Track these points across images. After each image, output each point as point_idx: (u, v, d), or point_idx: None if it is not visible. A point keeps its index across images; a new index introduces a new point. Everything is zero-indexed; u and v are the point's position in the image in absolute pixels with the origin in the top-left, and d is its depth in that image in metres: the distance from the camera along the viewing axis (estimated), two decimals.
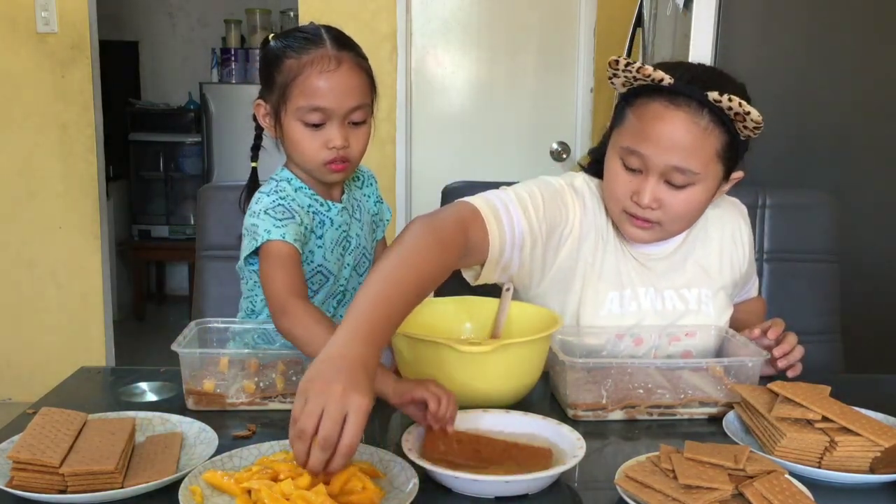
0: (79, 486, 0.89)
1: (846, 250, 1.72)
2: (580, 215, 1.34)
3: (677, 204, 1.25)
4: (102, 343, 3.35)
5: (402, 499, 0.88)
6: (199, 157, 4.64)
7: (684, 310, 1.36)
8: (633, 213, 1.28)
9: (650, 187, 1.24)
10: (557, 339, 1.23)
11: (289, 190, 1.35)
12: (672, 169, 1.22)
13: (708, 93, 1.18)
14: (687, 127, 1.20)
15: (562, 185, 1.36)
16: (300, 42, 1.29)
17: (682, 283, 1.38)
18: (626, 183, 1.27)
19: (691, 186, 1.24)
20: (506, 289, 1.29)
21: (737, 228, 1.44)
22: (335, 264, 1.39)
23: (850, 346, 1.70)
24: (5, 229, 3.25)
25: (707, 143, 1.21)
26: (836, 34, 2.03)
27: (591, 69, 3.34)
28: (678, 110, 1.20)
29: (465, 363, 1.10)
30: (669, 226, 1.29)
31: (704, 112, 1.20)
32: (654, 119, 1.22)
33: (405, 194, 3.34)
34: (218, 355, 1.19)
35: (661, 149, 1.21)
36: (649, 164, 1.23)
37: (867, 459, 0.99)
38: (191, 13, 5.05)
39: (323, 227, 1.37)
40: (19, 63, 3.14)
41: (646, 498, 0.87)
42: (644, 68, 1.20)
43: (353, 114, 1.30)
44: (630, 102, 1.26)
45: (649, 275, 1.36)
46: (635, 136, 1.24)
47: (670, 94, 1.21)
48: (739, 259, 1.44)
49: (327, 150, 1.30)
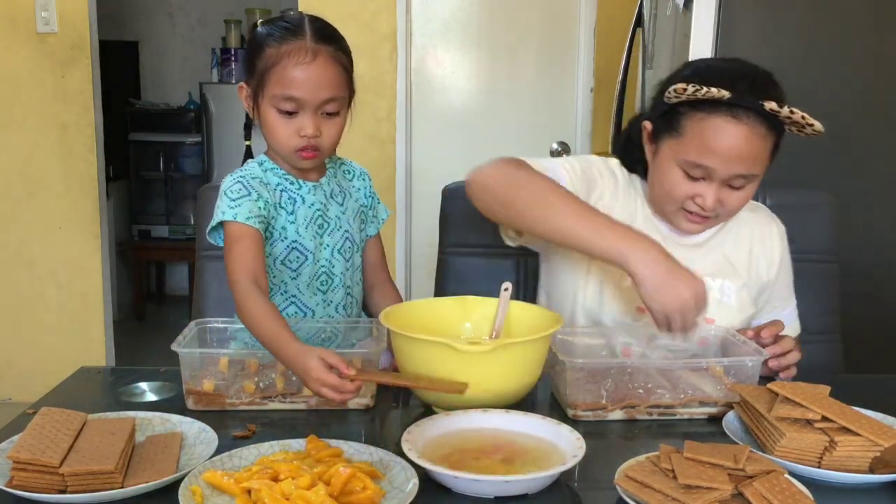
0: (79, 486, 0.89)
1: (846, 250, 1.72)
2: (611, 187, 1.43)
3: (736, 201, 1.32)
4: (102, 343, 3.35)
5: (402, 499, 0.88)
6: (199, 157, 4.64)
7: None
8: (691, 210, 1.34)
9: (714, 192, 1.30)
10: (558, 338, 1.23)
11: (256, 170, 1.39)
12: (737, 177, 1.28)
13: (765, 103, 1.22)
14: (749, 138, 1.25)
15: (598, 160, 1.46)
16: (282, 31, 1.33)
17: (708, 271, 1.40)
18: (687, 188, 1.32)
19: (750, 184, 1.31)
20: (504, 289, 1.29)
21: (769, 239, 1.48)
22: (311, 242, 1.41)
23: (850, 346, 1.70)
24: (5, 229, 3.25)
25: (765, 148, 1.28)
26: (836, 34, 2.03)
27: (591, 69, 3.34)
28: (739, 123, 1.25)
29: (465, 363, 1.10)
30: (724, 218, 1.38)
31: (762, 120, 1.25)
32: (716, 134, 1.26)
33: (405, 194, 3.34)
34: (218, 355, 1.19)
35: (727, 161, 1.26)
36: (713, 175, 1.29)
37: (867, 459, 0.99)
38: (191, 13, 5.06)
39: (294, 203, 1.40)
40: (19, 63, 3.14)
41: (646, 498, 0.87)
42: (710, 91, 1.22)
43: (326, 105, 1.33)
44: (687, 113, 1.28)
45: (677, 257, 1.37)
46: (699, 150, 1.27)
47: (729, 106, 1.24)
48: (766, 267, 1.47)
49: (299, 138, 1.34)
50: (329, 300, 1.44)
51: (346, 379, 1.08)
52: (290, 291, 1.41)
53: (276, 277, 1.40)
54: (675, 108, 1.29)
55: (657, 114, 1.34)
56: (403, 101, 3.27)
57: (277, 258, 1.39)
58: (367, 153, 3.24)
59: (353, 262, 1.48)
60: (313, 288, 1.43)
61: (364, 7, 3.19)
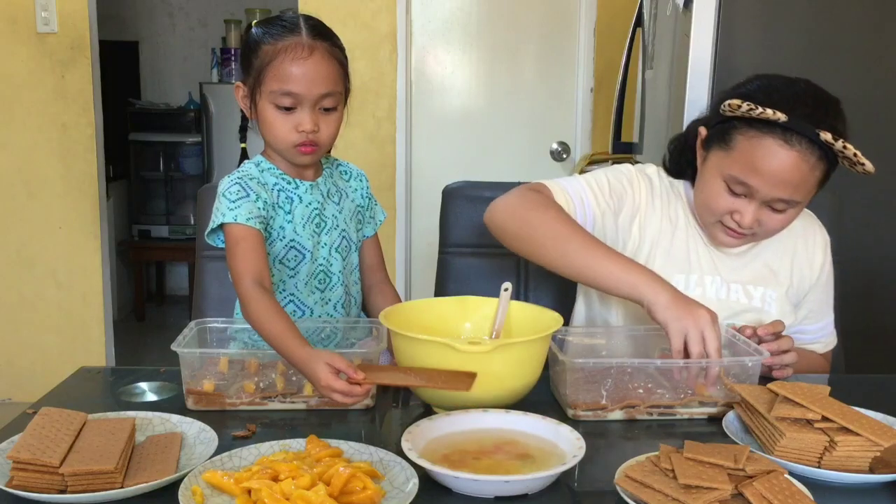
0: (79, 486, 0.89)
1: (846, 250, 1.72)
2: (646, 195, 1.42)
3: (774, 223, 1.32)
4: (102, 343, 3.35)
5: (402, 499, 0.88)
6: (199, 157, 4.64)
7: (748, 305, 1.40)
8: (729, 226, 1.33)
9: (753, 211, 1.30)
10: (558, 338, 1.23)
11: (253, 171, 1.39)
12: (777, 200, 1.28)
13: (821, 133, 1.21)
14: (797, 164, 1.24)
15: (629, 168, 1.45)
16: (277, 29, 1.34)
17: (749, 280, 1.41)
18: (728, 203, 1.32)
19: (791, 209, 1.31)
20: (504, 289, 1.29)
21: (812, 248, 1.48)
22: (309, 241, 1.41)
23: (850, 346, 1.69)
24: (5, 229, 3.25)
25: (813, 176, 1.27)
26: (836, 34, 2.03)
27: (591, 69, 3.34)
28: (791, 150, 1.24)
29: (465, 363, 1.10)
30: (760, 238, 1.37)
31: (815, 148, 1.24)
32: (767, 155, 1.25)
33: (405, 194, 3.34)
34: (218, 355, 1.19)
35: (771, 185, 1.26)
36: (755, 195, 1.28)
37: (867, 459, 0.99)
38: (191, 13, 5.06)
39: (291, 202, 1.40)
40: (19, 63, 3.14)
41: (646, 498, 0.87)
42: (765, 112, 1.22)
43: (323, 100, 1.34)
44: (741, 129, 1.28)
45: (719, 265, 1.41)
46: (745, 168, 1.27)
47: (784, 130, 1.23)
48: (807, 274, 1.46)
49: (297, 133, 1.34)
50: (327, 298, 1.44)
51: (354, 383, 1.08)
52: (289, 290, 1.42)
53: (274, 276, 1.40)
54: (730, 121, 1.29)
55: (713, 122, 1.34)
56: (403, 101, 3.27)
57: (276, 257, 1.40)
58: (367, 153, 3.24)
59: (349, 260, 1.48)
60: (311, 286, 1.43)
61: (364, 7, 3.19)
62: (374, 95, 3.21)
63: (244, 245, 1.28)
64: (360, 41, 3.15)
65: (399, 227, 3.33)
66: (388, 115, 3.26)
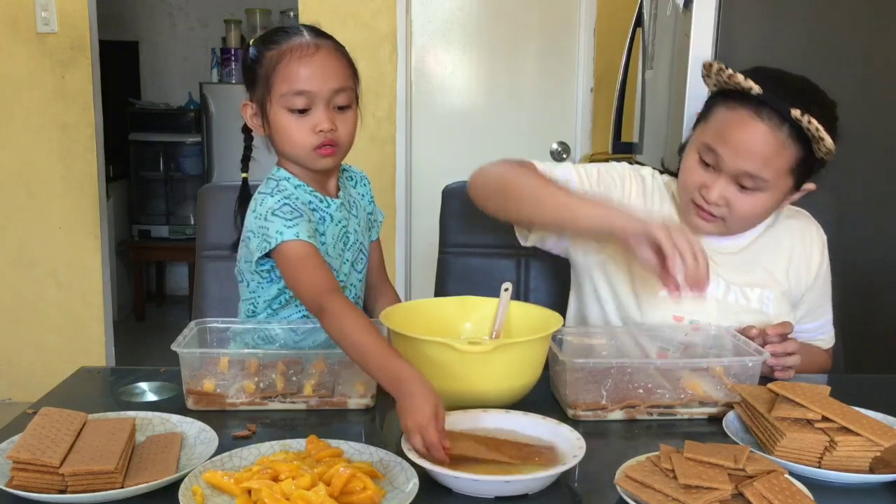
0: (79, 486, 0.89)
1: (846, 250, 1.72)
2: (637, 193, 1.43)
3: (742, 206, 1.31)
4: (102, 343, 3.35)
5: (402, 499, 0.88)
6: (199, 157, 4.64)
7: (746, 306, 1.39)
8: (699, 203, 1.34)
9: (720, 186, 1.30)
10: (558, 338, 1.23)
11: (289, 188, 1.35)
12: (744, 174, 1.28)
13: (791, 109, 1.22)
14: (765, 138, 1.25)
15: (623, 166, 1.46)
16: (278, 35, 1.33)
17: (747, 282, 1.41)
18: (698, 175, 1.33)
19: (759, 192, 1.30)
20: (504, 289, 1.29)
21: (811, 247, 1.47)
22: (336, 260, 1.39)
23: (850, 347, 1.69)
24: (5, 229, 3.25)
25: (782, 156, 1.27)
26: (836, 34, 2.03)
27: (591, 69, 3.34)
28: (760, 122, 1.25)
29: (465, 363, 1.10)
30: (732, 224, 1.35)
31: (785, 126, 1.25)
32: (736, 124, 1.27)
33: (405, 194, 3.34)
34: (218, 355, 1.19)
35: (737, 154, 1.27)
36: (723, 165, 1.29)
37: (867, 459, 0.99)
38: (191, 13, 5.05)
39: (324, 223, 1.37)
40: (19, 63, 3.14)
41: (646, 498, 0.87)
42: (735, 76, 1.25)
43: (336, 97, 1.31)
44: (719, 101, 1.31)
45: (715, 266, 1.38)
46: (716, 135, 1.29)
47: (757, 103, 1.25)
48: (804, 275, 1.46)
49: (315, 135, 1.30)
50: None
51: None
52: (302, 307, 1.38)
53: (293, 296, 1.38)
54: (713, 98, 1.32)
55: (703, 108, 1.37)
56: (403, 101, 3.27)
57: None
58: (367, 153, 3.24)
59: (363, 272, 1.47)
60: None
61: (364, 7, 3.19)
62: (374, 95, 3.21)
63: (314, 261, 1.23)
64: (360, 41, 3.15)
65: (399, 227, 3.33)
66: (388, 115, 3.26)
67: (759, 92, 1.24)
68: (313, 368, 1.18)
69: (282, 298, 1.38)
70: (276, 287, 1.37)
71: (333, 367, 1.18)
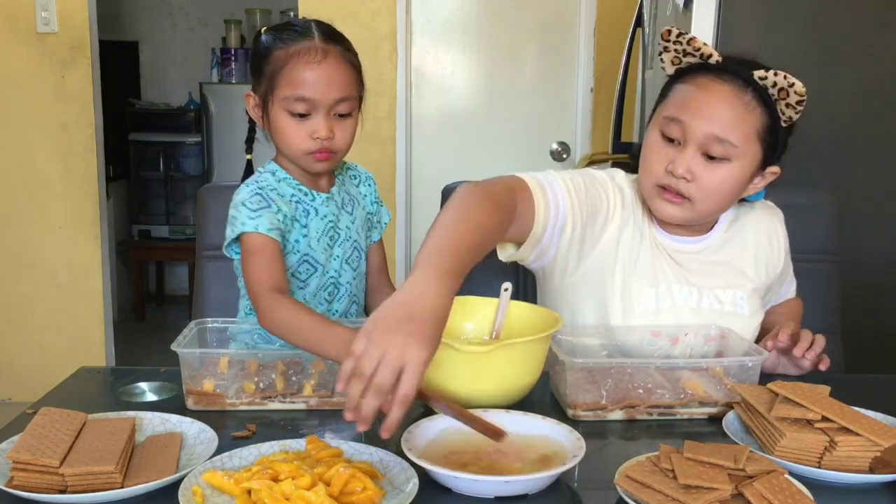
0: (79, 486, 0.89)
1: (846, 250, 1.72)
2: (619, 207, 1.37)
3: (711, 180, 1.27)
4: (102, 343, 3.35)
5: (402, 499, 0.88)
6: (199, 157, 4.64)
7: (720, 310, 1.38)
8: (665, 184, 1.29)
9: (687, 157, 1.26)
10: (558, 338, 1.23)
11: (270, 180, 1.37)
12: (712, 138, 1.24)
13: (753, 71, 1.22)
14: (730, 100, 1.24)
15: (603, 177, 1.39)
16: (289, 34, 1.32)
17: (718, 284, 1.39)
18: (663, 154, 1.29)
19: (727, 163, 1.26)
20: (504, 289, 1.29)
21: (773, 231, 1.46)
22: (322, 254, 1.40)
23: (850, 346, 1.69)
24: (5, 229, 3.25)
25: (748, 119, 1.24)
26: (836, 34, 2.03)
27: (591, 69, 3.34)
28: (723, 84, 1.24)
29: (465, 363, 1.10)
30: (701, 204, 1.29)
31: (749, 89, 1.24)
32: (698, 89, 1.26)
33: (405, 194, 3.34)
34: (218, 355, 1.19)
35: (703, 117, 1.24)
36: (688, 133, 1.26)
37: (867, 459, 0.99)
38: (191, 13, 5.06)
39: (307, 216, 1.38)
40: (19, 63, 3.14)
41: (646, 498, 0.87)
42: (695, 40, 1.24)
43: (338, 105, 1.32)
44: (677, 79, 1.30)
45: (684, 273, 1.38)
46: (679, 105, 1.27)
47: (717, 70, 1.25)
48: (774, 262, 1.45)
49: (312, 141, 1.32)
50: (333, 310, 1.44)
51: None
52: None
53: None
54: (670, 80, 1.31)
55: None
56: (403, 101, 3.27)
57: (287, 270, 1.37)
58: (367, 153, 3.24)
59: (359, 270, 1.47)
60: (319, 298, 1.42)
61: (364, 7, 3.19)
62: (374, 95, 3.20)
63: (264, 255, 1.26)
64: (360, 41, 3.11)
65: (399, 227, 3.33)
66: (388, 115, 3.26)
67: (719, 59, 1.24)
68: (313, 368, 1.18)
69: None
70: None
71: (333, 367, 1.18)
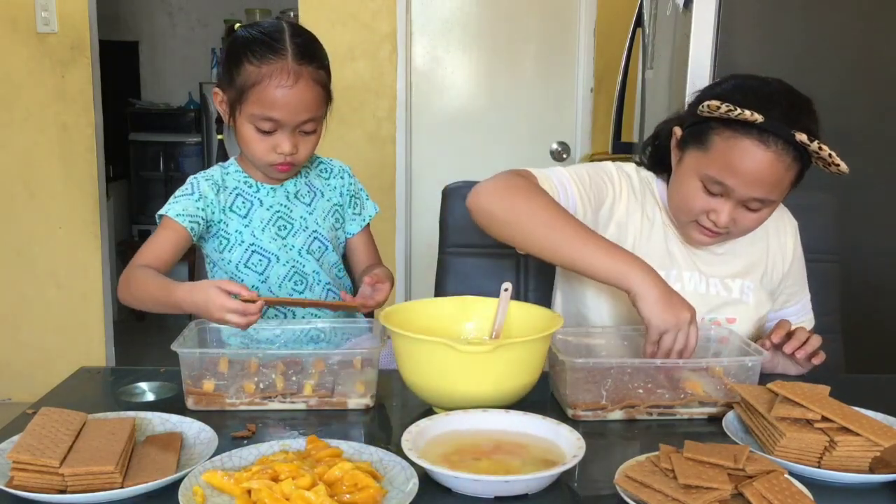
0: (79, 486, 0.89)
1: (846, 250, 1.72)
2: (627, 193, 1.42)
3: (748, 222, 1.33)
4: (102, 343, 3.35)
5: (401, 499, 0.88)
6: (199, 157, 4.65)
7: (727, 297, 1.42)
8: (704, 225, 1.34)
9: (729, 210, 1.31)
10: (558, 338, 1.23)
11: (216, 173, 1.43)
12: (753, 199, 1.29)
13: (796, 134, 1.23)
14: (773, 165, 1.26)
15: (607, 165, 1.45)
16: (262, 49, 1.32)
17: (728, 273, 1.43)
18: (703, 203, 1.33)
19: (765, 209, 1.32)
20: (504, 289, 1.29)
21: (783, 234, 1.50)
22: (272, 244, 1.43)
23: (850, 346, 1.69)
24: (5, 229, 3.25)
25: (788, 176, 1.28)
26: (836, 34, 2.03)
27: (591, 69, 3.34)
28: (767, 150, 1.25)
29: (465, 363, 1.10)
30: (735, 236, 1.38)
31: (790, 149, 1.25)
32: (743, 155, 1.26)
33: (405, 194, 3.34)
34: (218, 355, 1.19)
35: (747, 184, 1.27)
36: (732, 194, 1.29)
37: (867, 459, 0.99)
38: (191, 13, 5.06)
39: (249, 206, 1.42)
40: (19, 63, 3.14)
41: (645, 498, 0.87)
42: (743, 113, 1.23)
43: (304, 125, 1.36)
44: (717, 129, 1.28)
45: (696, 260, 1.42)
46: (722, 168, 1.28)
47: (760, 131, 1.25)
48: (780, 261, 1.48)
49: (275, 154, 1.36)
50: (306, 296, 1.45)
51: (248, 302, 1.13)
52: (263, 294, 1.42)
53: (244, 281, 1.42)
54: (706, 122, 1.29)
55: (688, 123, 1.35)
56: (403, 100, 3.27)
57: (238, 262, 1.42)
58: (367, 153, 3.24)
59: (325, 260, 1.49)
60: (287, 288, 1.44)
61: (364, 7, 3.19)
62: (374, 95, 3.21)
63: (160, 235, 1.34)
64: (360, 41, 3.15)
65: (399, 227, 3.33)
66: (388, 115, 3.26)
67: (761, 120, 1.23)
68: (313, 368, 1.18)
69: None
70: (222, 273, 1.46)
71: (333, 367, 1.18)
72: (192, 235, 1.36)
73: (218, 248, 1.42)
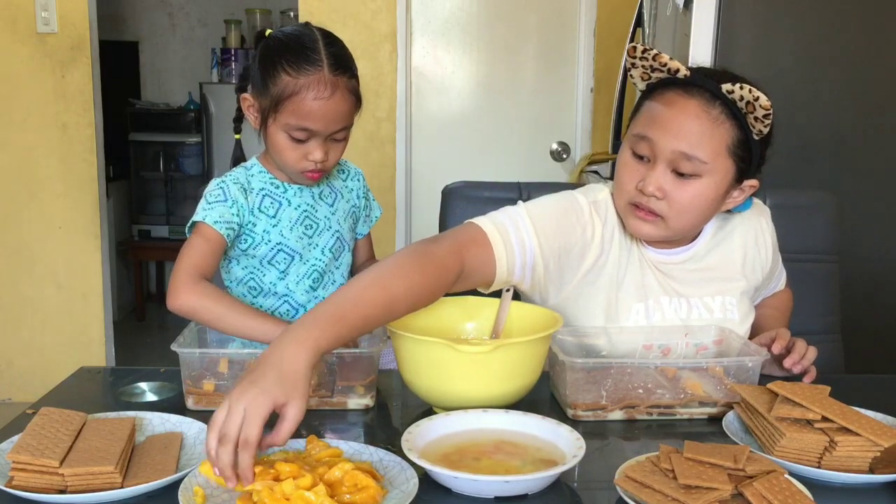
0: (79, 486, 0.89)
1: (846, 250, 1.72)
2: (601, 230, 1.32)
3: (683, 197, 1.25)
4: (102, 343, 3.35)
5: (401, 499, 0.88)
6: (199, 157, 4.64)
7: (710, 319, 1.36)
8: (637, 202, 1.28)
9: (656, 175, 1.25)
10: (558, 338, 1.23)
11: (241, 176, 1.41)
12: (680, 155, 1.23)
13: (721, 84, 1.21)
14: (697, 114, 1.22)
15: (582, 201, 1.34)
16: (299, 59, 1.31)
17: (707, 292, 1.37)
18: (633, 171, 1.28)
19: (698, 179, 1.24)
20: (506, 289, 1.29)
21: (759, 230, 1.43)
22: (298, 242, 1.43)
23: (850, 346, 1.70)
24: (5, 229, 3.25)
25: (717, 133, 1.23)
26: (836, 34, 2.03)
27: (591, 69, 3.34)
28: (690, 98, 1.23)
29: (465, 363, 1.10)
30: (674, 221, 1.27)
31: (717, 103, 1.22)
32: (665, 105, 1.24)
33: (405, 194, 3.34)
34: (218, 355, 1.19)
35: (671, 134, 1.23)
36: (657, 150, 1.24)
37: (867, 459, 0.99)
38: (191, 13, 5.06)
39: (277, 207, 1.42)
40: (19, 63, 3.14)
41: (645, 498, 0.87)
42: (661, 56, 1.23)
43: (336, 133, 1.36)
44: (647, 96, 1.30)
45: (672, 283, 1.36)
46: (647, 121, 1.26)
47: (685, 84, 1.24)
48: (762, 261, 1.43)
49: (307, 162, 1.36)
50: (319, 297, 1.46)
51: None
52: (281, 291, 1.44)
53: (265, 276, 1.43)
54: (640, 98, 1.31)
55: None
56: (403, 101, 3.27)
57: (263, 258, 1.42)
58: (367, 153, 3.24)
59: (343, 260, 1.50)
60: (304, 286, 1.45)
61: (364, 7, 3.19)
62: (374, 95, 3.21)
63: (200, 241, 1.32)
64: (360, 41, 3.15)
65: (399, 228, 3.33)
66: (388, 115, 3.26)
67: (687, 73, 1.23)
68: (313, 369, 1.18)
69: (251, 283, 1.44)
70: (239, 268, 1.44)
71: (333, 367, 1.18)
72: (227, 242, 1.36)
73: (241, 246, 1.41)
